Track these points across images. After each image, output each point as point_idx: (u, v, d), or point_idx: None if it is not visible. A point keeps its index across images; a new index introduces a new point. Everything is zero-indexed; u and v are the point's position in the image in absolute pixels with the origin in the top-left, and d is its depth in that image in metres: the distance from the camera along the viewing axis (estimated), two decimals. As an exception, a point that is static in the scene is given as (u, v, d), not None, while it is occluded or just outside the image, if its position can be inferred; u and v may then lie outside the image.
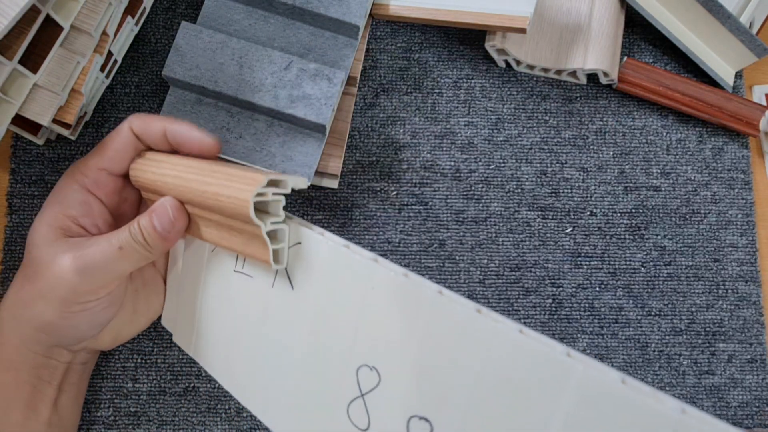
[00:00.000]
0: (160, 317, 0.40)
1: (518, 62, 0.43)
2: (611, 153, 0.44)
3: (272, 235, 0.31)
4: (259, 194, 0.29)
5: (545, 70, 0.43)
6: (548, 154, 0.43)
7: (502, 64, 0.44)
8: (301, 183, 0.32)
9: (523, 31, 0.38)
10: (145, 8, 0.42)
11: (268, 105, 0.37)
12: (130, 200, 0.38)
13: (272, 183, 0.30)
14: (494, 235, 0.42)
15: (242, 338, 0.34)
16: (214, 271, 0.36)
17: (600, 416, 0.21)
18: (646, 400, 0.20)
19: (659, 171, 0.43)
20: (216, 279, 0.36)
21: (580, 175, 0.43)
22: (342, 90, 0.40)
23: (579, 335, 0.42)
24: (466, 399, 0.24)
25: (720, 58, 0.43)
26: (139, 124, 0.35)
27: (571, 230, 0.43)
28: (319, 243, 0.30)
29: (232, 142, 0.39)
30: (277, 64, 0.38)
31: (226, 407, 0.40)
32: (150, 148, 0.36)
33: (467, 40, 0.44)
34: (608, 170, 0.43)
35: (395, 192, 0.43)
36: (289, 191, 0.31)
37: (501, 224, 0.43)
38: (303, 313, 0.31)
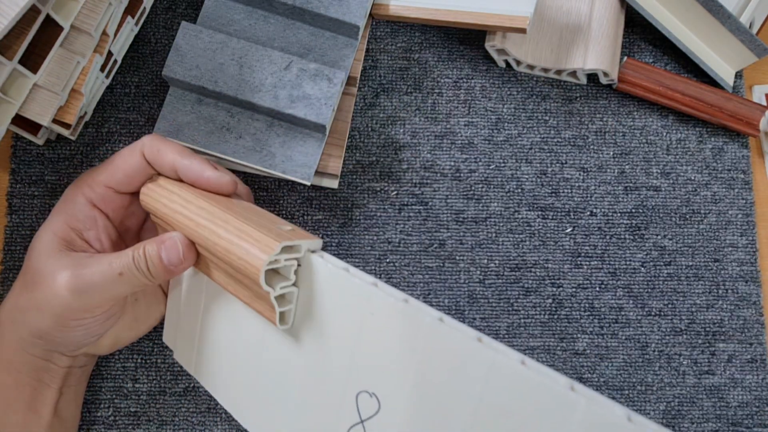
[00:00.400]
0: (161, 324, 0.40)
1: (518, 62, 0.43)
2: (611, 153, 0.44)
3: (281, 297, 0.30)
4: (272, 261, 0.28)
5: (545, 70, 0.43)
6: (548, 154, 0.43)
7: (502, 64, 0.44)
8: (316, 244, 0.31)
9: (523, 31, 0.38)
10: (145, 8, 0.42)
11: (268, 105, 0.37)
12: (136, 215, 0.38)
13: (286, 249, 0.29)
14: (494, 235, 0.42)
15: (242, 360, 0.34)
16: (215, 293, 0.35)
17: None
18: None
19: (659, 171, 0.43)
20: (217, 300, 0.35)
21: (580, 175, 0.43)
22: (342, 90, 0.40)
23: (579, 335, 0.42)
24: (465, 429, 0.24)
25: (720, 58, 0.43)
26: (151, 152, 0.34)
27: (571, 230, 0.43)
28: (319, 266, 0.29)
29: (232, 142, 0.39)
30: (277, 64, 0.38)
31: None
32: None
33: (467, 40, 0.44)
34: (608, 170, 0.43)
35: (395, 192, 0.43)
36: (302, 255, 0.30)
37: (501, 224, 0.43)
38: (302, 336, 0.31)
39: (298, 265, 0.30)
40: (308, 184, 0.39)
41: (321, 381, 0.30)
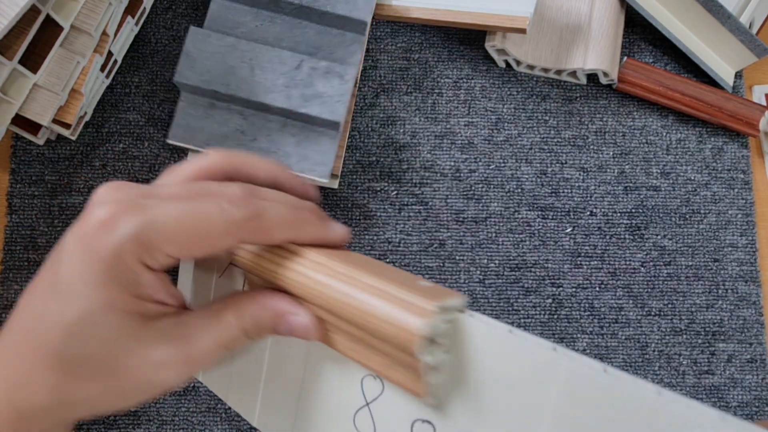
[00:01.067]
0: None
1: (518, 62, 0.43)
2: (611, 153, 0.44)
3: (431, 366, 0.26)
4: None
5: (545, 70, 0.43)
6: (548, 154, 0.43)
7: (502, 64, 0.44)
8: (463, 302, 0.25)
9: (523, 31, 0.38)
10: (145, 8, 0.42)
11: (281, 105, 0.38)
12: None
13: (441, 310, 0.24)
14: (494, 235, 0.42)
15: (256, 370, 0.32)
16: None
17: (586, 404, 0.21)
18: (626, 386, 0.21)
19: (659, 171, 0.43)
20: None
21: (580, 175, 0.43)
22: (354, 86, 0.40)
23: (579, 335, 0.42)
24: (464, 400, 0.24)
25: (720, 58, 0.43)
26: (256, 237, 0.27)
27: (571, 230, 0.43)
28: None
29: (247, 144, 0.39)
30: (288, 64, 0.38)
31: (227, 407, 0.40)
32: None
33: (467, 40, 0.44)
34: (608, 170, 0.43)
35: (395, 192, 0.43)
36: (454, 316, 0.24)
37: (501, 224, 0.43)
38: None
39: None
40: (325, 181, 0.39)
41: (327, 370, 0.29)
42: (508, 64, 0.44)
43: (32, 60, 0.35)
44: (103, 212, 0.25)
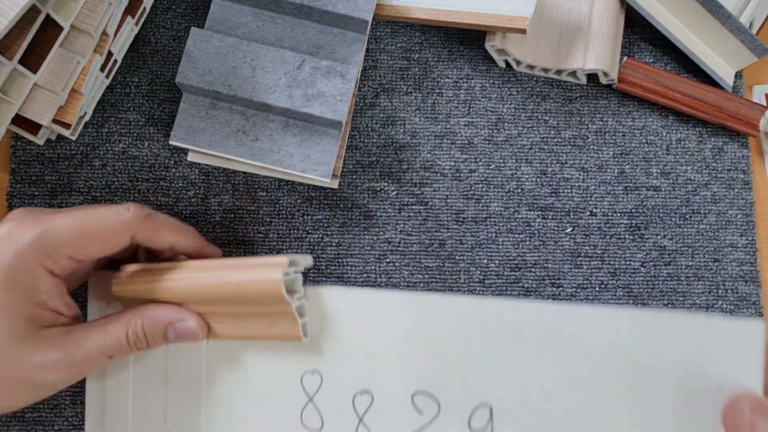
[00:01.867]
0: None
1: (518, 62, 0.43)
2: (611, 153, 0.44)
3: (298, 311, 0.32)
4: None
5: (545, 70, 0.43)
6: (548, 154, 0.43)
7: (502, 64, 0.44)
8: (309, 261, 0.33)
9: (523, 31, 0.38)
10: (145, 8, 0.42)
11: (283, 105, 0.38)
12: (88, 263, 0.35)
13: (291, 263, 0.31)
14: (494, 235, 0.42)
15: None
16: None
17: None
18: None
19: (659, 171, 0.43)
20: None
21: (580, 175, 0.43)
22: (356, 85, 0.40)
23: (579, 335, 0.42)
24: (446, 363, 0.30)
25: (720, 58, 0.43)
26: (145, 235, 0.31)
27: (571, 230, 0.43)
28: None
29: (249, 144, 0.39)
30: (290, 64, 0.38)
31: (226, 407, 0.40)
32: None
33: (467, 40, 0.44)
34: (608, 170, 0.43)
35: (395, 192, 0.43)
36: (302, 269, 0.32)
37: (501, 224, 0.43)
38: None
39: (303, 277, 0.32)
40: (328, 181, 0.39)
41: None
42: (508, 64, 0.44)
43: (32, 60, 0.35)
44: (5, 228, 0.29)
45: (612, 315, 0.25)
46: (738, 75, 0.44)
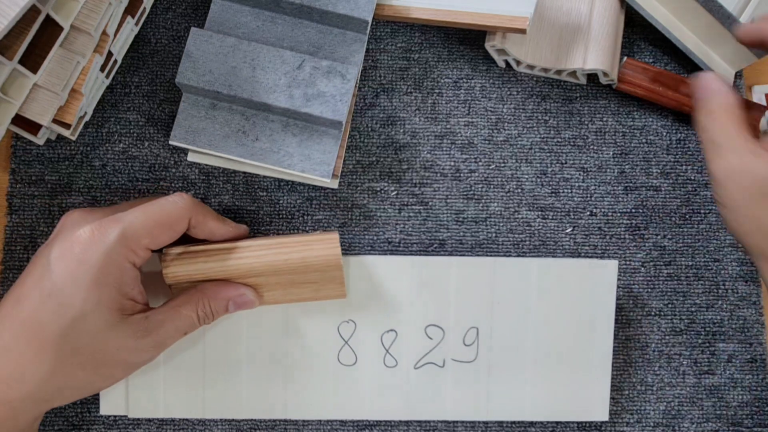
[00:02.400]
0: None
1: (518, 62, 0.43)
2: (611, 153, 0.44)
3: None
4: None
5: (545, 70, 0.43)
6: (548, 154, 0.43)
7: (502, 64, 0.44)
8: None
9: (523, 31, 0.38)
10: (145, 8, 0.42)
11: (283, 105, 0.38)
12: None
13: None
14: (494, 235, 0.42)
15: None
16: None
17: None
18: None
19: (659, 171, 0.43)
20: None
21: (580, 175, 0.43)
22: (356, 85, 0.40)
23: (579, 335, 0.42)
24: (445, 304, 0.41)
25: (720, 58, 0.43)
26: (197, 221, 0.35)
27: (571, 230, 0.43)
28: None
29: (249, 144, 0.39)
30: (290, 64, 0.38)
31: (226, 407, 0.40)
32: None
33: (467, 40, 0.44)
34: (608, 170, 0.43)
35: (395, 192, 0.43)
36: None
37: (501, 224, 0.43)
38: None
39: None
40: (328, 181, 0.39)
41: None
42: (508, 64, 0.44)
43: (32, 60, 0.35)
44: (87, 230, 0.32)
45: (528, 264, 0.41)
46: (738, 75, 0.44)
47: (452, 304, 0.40)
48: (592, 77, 0.44)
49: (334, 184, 0.41)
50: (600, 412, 0.40)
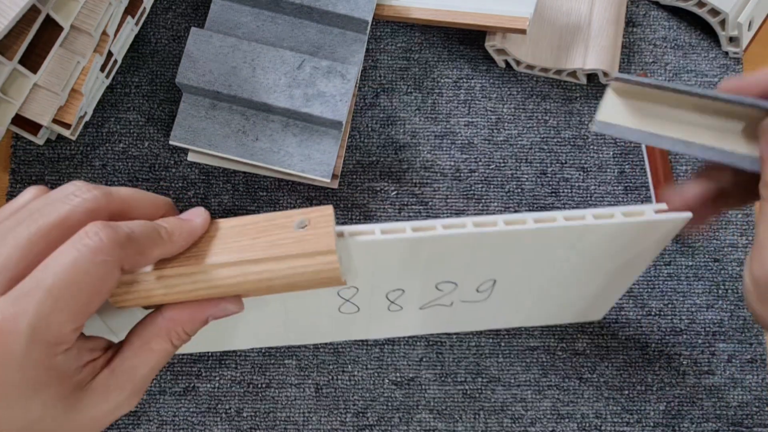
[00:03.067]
0: None
1: (518, 62, 0.43)
2: (611, 153, 0.44)
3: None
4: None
5: (545, 70, 0.43)
6: (548, 154, 0.43)
7: (502, 64, 0.44)
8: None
9: (523, 31, 0.39)
10: (145, 8, 0.42)
11: (283, 105, 0.38)
12: None
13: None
14: (494, 235, 0.42)
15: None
16: None
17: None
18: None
19: (659, 171, 0.43)
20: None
21: (580, 175, 0.43)
22: (356, 85, 0.40)
23: (579, 335, 0.42)
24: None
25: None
26: (133, 261, 0.26)
27: (571, 230, 0.43)
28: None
29: (249, 144, 0.39)
30: (290, 64, 0.38)
31: (226, 407, 0.40)
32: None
33: (467, 40, 0.44)
34: (608, 170, 0.43)
35: (395, 192, 0.43)
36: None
37: (501, 224, 0.43)
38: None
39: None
40: (328, 181, 0.39)
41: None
42: (508, 64, 0.44)
43: (32, 60, 0.35)
44: None
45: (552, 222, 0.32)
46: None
47: (466, 261, 0.35)
48: (592, 77, 0.44)
49: (334, 184, 0.41)
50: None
